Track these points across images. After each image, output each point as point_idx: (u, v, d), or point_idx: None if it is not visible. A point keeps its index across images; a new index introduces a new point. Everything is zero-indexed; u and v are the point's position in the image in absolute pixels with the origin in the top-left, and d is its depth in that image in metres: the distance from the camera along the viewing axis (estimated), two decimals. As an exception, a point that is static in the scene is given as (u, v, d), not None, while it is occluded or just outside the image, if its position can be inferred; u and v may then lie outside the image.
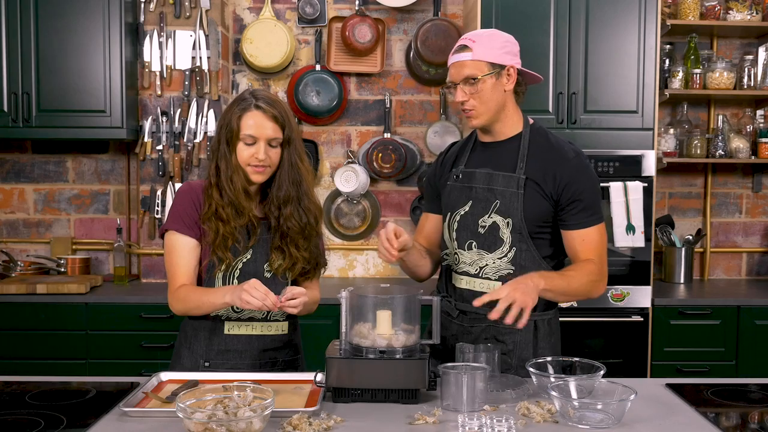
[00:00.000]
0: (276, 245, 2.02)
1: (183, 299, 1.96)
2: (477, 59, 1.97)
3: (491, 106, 2.01)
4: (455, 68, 2.01)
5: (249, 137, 1.94)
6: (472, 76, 1.97)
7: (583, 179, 2.01)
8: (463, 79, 1.98)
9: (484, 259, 2.03)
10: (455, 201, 2.09)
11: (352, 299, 1.81)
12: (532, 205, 2.00)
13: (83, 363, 3.35)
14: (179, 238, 1.99)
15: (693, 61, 3.73)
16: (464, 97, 2.00)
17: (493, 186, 2.03)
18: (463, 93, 2.00)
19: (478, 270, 2.04)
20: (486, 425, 1.54)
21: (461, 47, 2.00)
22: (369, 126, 3.99)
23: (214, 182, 1.99)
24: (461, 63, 1.99)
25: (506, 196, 2.01)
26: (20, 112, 3.51)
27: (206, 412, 1.48)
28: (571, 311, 3.39)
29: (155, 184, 3.76)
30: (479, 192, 2.04)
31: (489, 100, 2.00)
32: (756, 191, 4.05)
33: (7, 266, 3.73)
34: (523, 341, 2.03)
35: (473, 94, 1.99)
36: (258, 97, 1.97)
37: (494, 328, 2.02)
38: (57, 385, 1.91)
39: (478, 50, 1.97)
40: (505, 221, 2.00)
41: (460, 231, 2.06)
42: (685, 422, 1.64)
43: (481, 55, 1.97)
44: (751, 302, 3.45)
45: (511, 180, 2.01)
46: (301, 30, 3.97)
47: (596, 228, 2.03)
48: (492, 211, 2.02)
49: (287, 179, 2.00)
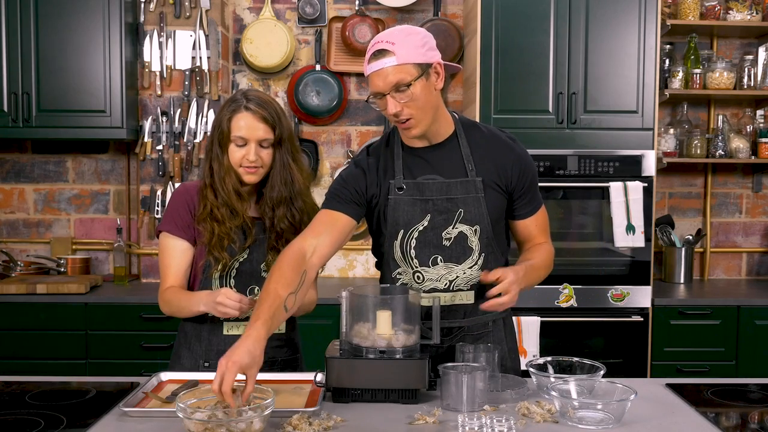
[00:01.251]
0: (271, 245, 2.03)
1: (168, 301, 2.00)
2: (403, 62, 1.77)
3: (428, 111, 1.83)
4: (379, 77, 1.78)
5: (240, 138, 1.95)
6: (402, 82, 1.77)
7: (529, 166, 1.98)
8: (393, 87, 1.78)
9: (454, 272, 1.93)
10: (408, 217, 1.91)
11: (352, 299, 1.81)
12: (494, 206, 1.93)
13: (83, 363, 3.35)
14: (171, 240, 2.02)
15: (693, 61, 3.73)
16: (398, 108, 1.79)
17: (452, 195, 1.90)
18: (396, 103, 1.79)
19: (447, 284, 1.93)
20: (486, 425, 1.54)
21: (380, 52, 1.78)
22: (369, 126, 3.99)
23: (208, 183, 2.00)
24: (386, 71, 1.77)
25: (468, 203, 1.90)
26: (20, 112, 3.51)
27: (206, 412, 1.48)
28: (571, 311, 3.40)
29: (155, 184, 3.76)
30: (438, 203, 1.90)
31: (425, 105, 1.81)
32: (756, 191, 4.05)
33: (7, 266, 3.73)
34: (496, 340, 2.01)
35: (406, 102, 1.79)
36: (249, 98, 1.97)
37: (468, 336, 1.97)
38: (57, 385, 1.91)
39: (401, 52, 1.76)
40: (473, 229, 1.91)
41: (420, 248, 1.92)
42: (685, 422, 1.64)
43: (405, 58, 1.77)
44: (751, 302, 3.45)
45: (469, 185, 1.90)
46: (301, 30, 3.97)
47: (542, 210, 2.02)
48: (457, 221, 1.91)
49: (279, 179, 2.00)
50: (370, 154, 1.98)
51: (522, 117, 3.40)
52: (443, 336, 1.92)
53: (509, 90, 3.41)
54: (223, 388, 1.49)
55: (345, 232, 1.91)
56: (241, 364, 1.53)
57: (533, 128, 3.37)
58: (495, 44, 3.40)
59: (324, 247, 1.85)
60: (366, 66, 1.83)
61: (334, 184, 1.96)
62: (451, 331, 1.96)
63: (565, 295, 3.41)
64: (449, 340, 1.96)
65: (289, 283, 1.73)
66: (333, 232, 1.88)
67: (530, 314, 3.33)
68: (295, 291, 1.74)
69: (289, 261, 1.77)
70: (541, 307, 3.38)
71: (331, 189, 1.95)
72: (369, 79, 1.83)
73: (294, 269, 1.76)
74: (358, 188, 1.93)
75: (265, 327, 1.62)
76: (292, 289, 1.73)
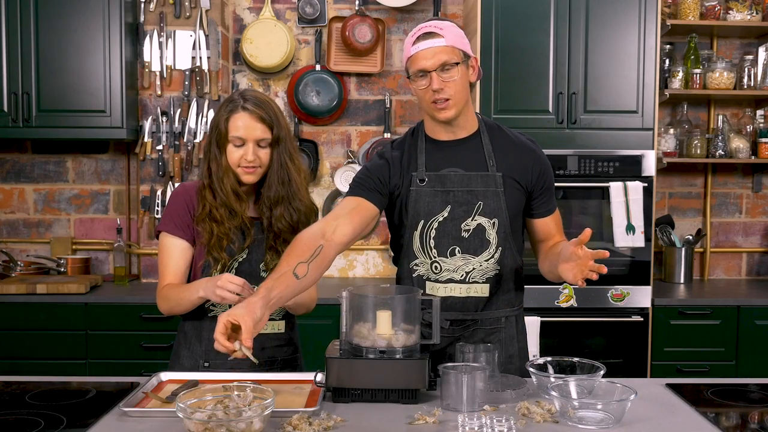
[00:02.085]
0: (270, 245, 2.03)
1: (165, 297, 2.00)
2: (451, 45, 1.88)
3: (464, 96, 1.93)
4: (427, 55, 1.88)
5: (237, 139, 1.95)
6: (449, 61, 1.87)
7: (548, 167, 2.06)
8: (440, 65, 1.87)
9: (471, 263, 1.98)
10: (429, 208, 1.98)
11: (352, 299, 1.81)
12: (513, 201, 2.00)
13: (83, 363, 3.35)
14: (170, 240, 2.02)
15: (693, 61, 3.73)
16: (441, 85, 1.88)
17: (472, 188, 1.97)
18: (439, 80, 1.88)
19: (464, 275, 1.98)
20: (486, 425, 1.54)
21: (428, 34, 1.89)
22: (369, 126, 3.99)
23: (207, 183, 2.01)
24: (435, 49, 1.87)
25: (488, 196, 1.97)
26: (20, 112, 3.51)
27: (206, 412, 1.48)
28: (571, 311, 3.40)
29: (155, 184, 3.76)
30: (458, 195, 1.97)
31: (462, 89, 1.92)
32: (756, 191, 4.05)
33: (7, 266, 3.73)
34: (508, 337, 2.04)
35: (448, 82, 1.89)
36: (246, 98, 1.98)
37: (481, 330, 2.01)
38: (57, 385, 1.91)
39: (449, 36, 1.88)
40: (491, 222, 1.97)
41: (439, 238, 1.98)
42: (685, 422, 1.64)
43: (453, 41, 1.89)
44: (751, 302, 3.45)
45: (489, 179, 1.97)
46: (301, 30, 3.97)
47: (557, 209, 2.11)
48: (476, 214, 1.97)
49: (276, 179, 2.00)
50: (394, 147, 2.06)
51: (522, 117, 3.40)
52: (456, 326, 1.99)
53: (509, 90, 3.41)
54: (214, 334, 1.59)
55: (367, 218, 1.96)
56: (233, 313, 1.60)
57: (533, 128, 3.37)
58: (495, 44, 3.40)
59: (345, 227, 1.89)
60: (410, 48, 1.91)
61: (359, 174, 2.03)
62: (465, 323, 2.00)
63: (565, 295, 3.41)
64: (461, 330, 2.00)
65: (301, 253, 1.78)
66: (355, 216, 1.93)
67: (530, 314, 3.32)
68: (306, 260, 1.77)
69: (304, 235, 1.84)
70: (541, 307, 3.38)
71: (355, 178, 2.02)
72: (413, 59, 1.90)
73: (307, 242, 1.81)
74: (382, 178, 1.99)
75: (266, 287, 1.69)
76: (303, 258, 1.77)
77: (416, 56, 1.90)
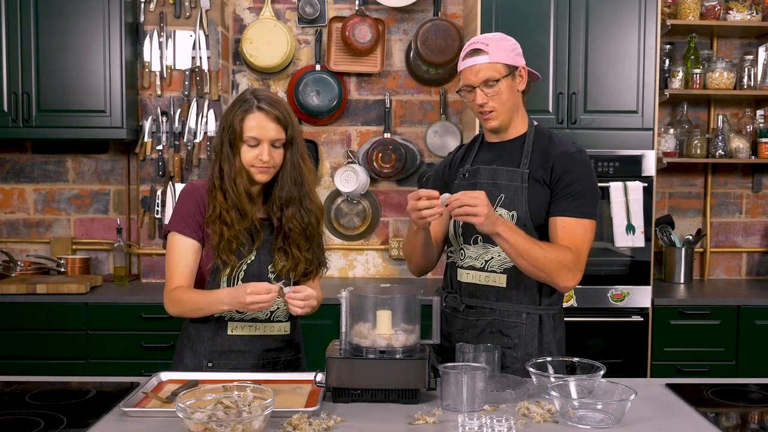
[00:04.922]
0: (278, 246, 2.01)
1: (178, 301, 1.96)
2: (494, 62, 2.03)
3: (509, 107, 2.08)
4: (472, 72, 2.04)
5: (252, 139, 1.93)
6: (492, 78, 2.02)
7: (579, 171, 2.04)
8: (483, 81, 2.03)
9: (489, 252, 2.07)
10: None
11: (352, 299, 1.81)
12: (536, 198, 2.04)
13: (83, 363, 3.35)
14: (181, 240, 1.99)
15: (693, 61, 3.73)
16: (484, 99, 2.04)
17: (497, 180, 2.08)
18: (483, 96, 2.04)
19: (483, 263, 2.08)
20: (486, 425, 1.54)
21: (475, 51, 2.05)
22: (369, 126, 3.99)
23: (218, 185, 1.97)
24: (478, 67, 2.03)
25: (510, 189, 2.06)
26: (20, 112, 3.51)
27: (206, 412, 1.48)
28: (571, 311, 3.39)
29: (155, 184, 3.76)
30: (483, 187, 2.06)
31: (507, 101, 2.06)
32: (756, 191, 4.05)
33: (7, 266, 3.73)
34: (528, 335, 2.05)
35: (492, 96, 2.04)
36: (260, 97, 1.95)
37: (499, 322, 2.05)
38: (57, 385, 1.91)
39: (493, 53, 2.03)
40: (510, 214, 2.05)
41: (465, 226, 2.09)
42: (685, 422, 1.64)
43: (497, 58, 2.03)
44: (751, 302, 3.45)
45: (515, 174, 2.07)
46: (301, 30, 3.97)
47: (581, 222, 2.02)
48: (497, 205, 2.05)
49: (289, 179, 1.99)
50: (459, 149, 2.31)
51: (522, 117, 3.40)
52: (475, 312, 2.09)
53: (509, 90, 3.41)
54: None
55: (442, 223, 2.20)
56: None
57: (533, 128, 3.37)
58: (495, 44, 3.40)
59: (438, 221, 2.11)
60: (460, 62, 2.10)
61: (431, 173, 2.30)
62: (483, 311, 2.07)
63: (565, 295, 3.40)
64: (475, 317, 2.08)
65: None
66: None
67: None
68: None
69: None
70: (541, 307, 3.38)
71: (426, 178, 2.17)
72: (462, 74, 2.09)
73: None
74: (445, 179, 2.26)
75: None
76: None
77: (463, 72, 2.08)
